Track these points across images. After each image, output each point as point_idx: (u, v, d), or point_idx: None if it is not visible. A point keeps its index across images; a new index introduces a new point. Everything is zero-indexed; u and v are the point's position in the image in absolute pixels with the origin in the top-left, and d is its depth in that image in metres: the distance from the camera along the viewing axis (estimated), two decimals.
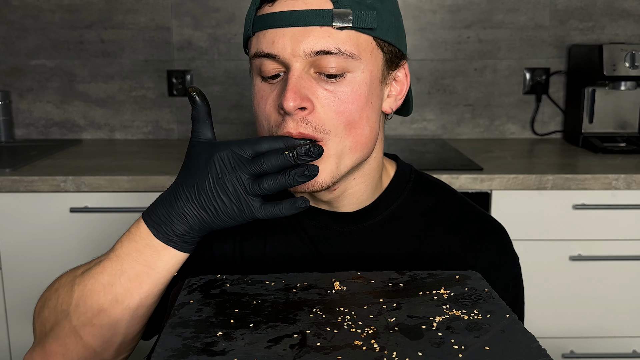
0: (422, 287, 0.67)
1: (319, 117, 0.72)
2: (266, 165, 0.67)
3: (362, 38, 0.72)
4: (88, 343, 0.75)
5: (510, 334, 0.56)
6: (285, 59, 0.71)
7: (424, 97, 2.29)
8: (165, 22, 2.23)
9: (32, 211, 1.74)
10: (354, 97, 0.73)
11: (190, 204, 0.70)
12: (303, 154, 0.66)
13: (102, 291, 0.74)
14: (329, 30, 0.70)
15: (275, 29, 0.71)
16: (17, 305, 1.78)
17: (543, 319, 1.78)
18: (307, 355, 0.52)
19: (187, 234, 0.71)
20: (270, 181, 0.67)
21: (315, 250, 0.84)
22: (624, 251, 1.75)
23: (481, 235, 0.86)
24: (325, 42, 0.70)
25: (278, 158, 0.66)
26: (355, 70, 0.72)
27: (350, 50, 0.71)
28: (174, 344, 0.55)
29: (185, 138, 2.30)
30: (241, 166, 0.68)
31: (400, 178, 0.87)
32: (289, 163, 0.67)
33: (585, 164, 1.88)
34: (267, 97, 0.74)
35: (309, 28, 0.70)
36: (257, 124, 0.78)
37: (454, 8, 2.22)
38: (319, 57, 0.71)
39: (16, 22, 2.22)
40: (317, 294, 0.66)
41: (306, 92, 0.71)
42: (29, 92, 2.28)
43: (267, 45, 0.72)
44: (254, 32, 0.74)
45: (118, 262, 0.74)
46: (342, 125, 0.73)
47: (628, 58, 1.95)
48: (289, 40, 0.70)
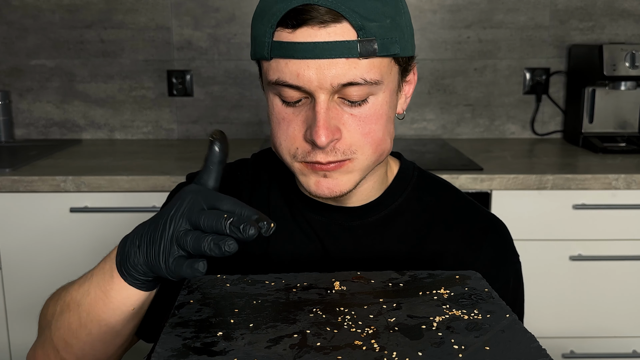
0: (422, 287, 0.67)
1: (346, 143, 0.73)
2: (202, 221, 0.61)
3: (385, 62, 0.72)
4: (64, 358, 0.76)
5: (510, 334, 0.56)
6: (311, 90, 0.70)
7: (424, 97, 2.29)
8: (165, 22, 2.23)
9: (32, 211, 1.74)
10: (377, 117, 0.73)
11: (137, 236, 0.66)
12: (235, 228, 0.59)
13: (72, 309, 0.74)
14: (355, 61, 0.69)
15: (299, 60, 0.69)
16: (17, 305, 1.78)
17: (543, 319, 1.78)
18: (307, 355, 0.52)
19: (132, 268, 0.67)
20: (192, 239, 0.60)
21: (321, 245, 0.85)
22: (624, 251, 1.75)
23: (483, 231, 0.87)
24: (352, 74, 0.69)
25: (215, 219, 0.60)
26: (377, 92, 0.73)
27: (374, 78, 0.71)
28: (174, 344, 0.55)
29: (185, 138, 2.31)
30: (189, 212, 0.62)
31: (404, 175, 0.89)
32: (220, 228, 0.59)
33: (585, 164, 1.88)
34: (289, 120, 0.74)
35: (334, 60, 0.69)
36: (274, 138, 0.77)
37: (454, 8, 2.22)
38: (345, 87, 0.70)
39: (16, 22, 2.22)
40: (317, 294, 0.66)
41: (335, 122, 0.72)
42: (29, 92, 2.28)
43: (291, 77, 0.70)
44: (272, 57, 0.72)
45: (88, 281, 0.73)
46: (369, 145, 0.74)
47: (628, 58, 1.95)
48: (315, 73, 0.69)
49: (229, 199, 0.62)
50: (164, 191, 1.70)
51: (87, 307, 0.72)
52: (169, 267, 0.62)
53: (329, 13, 0.67)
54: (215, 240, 0.59)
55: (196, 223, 0.61)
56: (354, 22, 0.68)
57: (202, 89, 2.28)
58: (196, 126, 2.30)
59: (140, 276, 0.67)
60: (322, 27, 0.68)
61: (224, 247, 0.58)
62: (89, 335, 0.73)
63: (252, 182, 0.90)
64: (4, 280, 1.77)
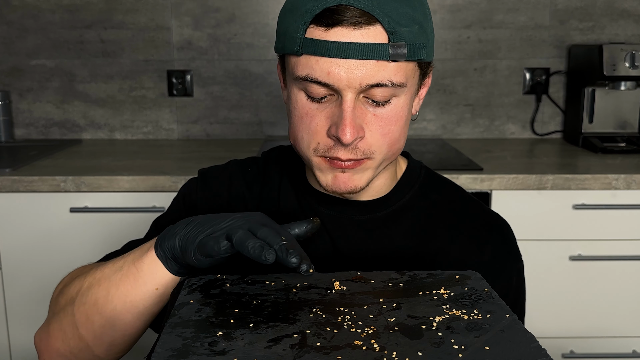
0: (422, 287, 0.67)
1: (367, 143, 0.75)
2: (260, 231, 0.67)
3: (410, 65, 0.74)
4: (82, 335, 0.78)
5: (510, 334, 0.56)
6: (339, 88, 0.72)
7: (424, 97, 2.28)
8: (165, 22, 2.23)
9: (32, 211, 1.74)
10: (397, 119, 0.76)
11: (193, 219, 0.73)
12: (284, 249, 0.65)
13: (102, 284, 0.77)
14: (384, 63, 0.71)
15: (331, 59, 0.71)
16: (17, 305, 1.78)
17: (543, 319, 1.78)
18: (307, 355, 0.52)
19: (171, 250, 0.73)
20: (242, 234, 0.67)
21: (330, 239, 0.86)
22: (624, 251, 1.75)
23: (487, 230, 0.88)
24: (380, 76, 0.71)
25: (272, 235, 0.67)
26: (400, 95, 0.75)
27: (400, 80, 0.73)
28: (174, 344, 0.55)
29: (185, 138, 2.31)
30: (252, 221, 0.69)
31: (412, 172, 0.91)
32: (271, 243, 0.66)
33: (585, 164, 1.88)
34: (313, 115, 0.75)
35: (364, 61, 0.70)
36: (294, 133, 0.79)
37: (454, 8, 2.22)
38: (372, 88, 0.72)
39: (16, 22, 2.22)
40: (317, 294, 0.66)
41: (359, 121, 0.74)
42: (29, 92, 2.28)
43: (322, 74, 0.72)
44: (302, 53, 0.73)
45: (124, 259, 0.78)
46: (386, 145, 0.77)
47: (628, 58, 1.96)
48: (345, 72, 0.71)
49: (291, 235, 0.70)
50: (164, 191, 1.70)
51: (117, 282, 0.76)
52: (205, 245, 0.68)
53: (364, 15, 0.69)
54: (261, 244, 0.64)
55: (253, 231, 0.67)
56: (387, 25, 0.70)
57: (202, 89, 2.28)
58: (196, 126, 2.30)
59: (177, 262, 0.73)
60: (355, 28, 0.70)
61: (265, 254, 0.63)
62: (113, 311, 0.76)
63: (263, 177, 0.92)
64: (4, 280, 1.77)
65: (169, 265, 0.74)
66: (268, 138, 2.28)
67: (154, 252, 0.74)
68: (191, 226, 0.71)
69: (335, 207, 0.87)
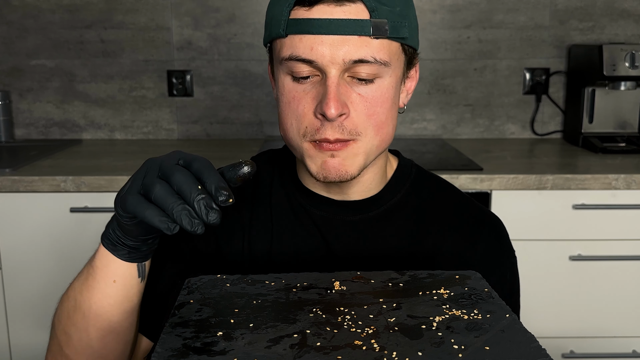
0: (422, 287, 0.67)
1: (353, 122, 0.75)
2: (175, 177, 0.62)
3: (393, 45, 0.76)
4: (67, 355, 0.76)
5: (510, 334, 0.56)
6: (323, 66, 0.73)
7: (424, 97, 2.29)
8: (165, 22, 2.23)
9: (32, 211, 1.74)
10: (382, 100, 0.76)
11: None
12: (204, 207, 0.59)
13: (70, 296, 0.76)
14: (366, 39, 0.73)
15: (314, 36, 0.72)
16: (17, 305, 1.78)
17: (543, 319, 1.78)
18: (307, 355, 0.52)
19: (114, 232, 0.71)
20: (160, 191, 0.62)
21: (323, 240, 0.86)
22: (624, 251, 1.75)
23: (479, 226, 0.89)
24: (363, 52, 0.72)
25: (188, 184, 0.61)
26: (384, 75, 0.76)
27: (383, 58, 0.74)
28: (174, 344, 0.55)
29: (185, 138, 2.31)
30: (165, 161, 0.65)
31: (403, 170, 0.91)
32: (188, 198, 0.60)
33: (585, 164, 1.88)
34: (299, 97, 0.76)
35: (347, 37, 0.72)
36: (282, 120, 0.79)
37: (454, 8, 2.22)
38: (355, 64, 0.73)
39: (16, 22, 2.22)
40: (317, 294, 0.66)
41: (344, 98, 0.74)
42: (29, 92, 2.28)
43: (305, 50, 0.73)
44: (287, 34, 0.74)
45: (84, 266, 0.77)
46: (372, 127, 0.76)
47: (628, 58, 1.96)
48: (328, 48, 0.72)
49: (202, 160, 0.63)
50: None
51: (79, 287, 0.75)
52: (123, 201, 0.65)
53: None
54: (187, 212, 0.59)
55: (167, 177, 0.62)
56: (368, 3, 0.72)
57: (202, 89, 2.28)
58: (196, 126, 2.30)
59: (117, 234, 0.71)
60: (337, 5, 0.72)
61: (195, 225, 0.59)
62: (83, 318, 0.74)
63: (254, 179, 0.91)
64: (4, 280, 1.77)
65: (117, 252, 0.72)
66: (268, 138, 2.28)
67: (102, 245, 0.73)
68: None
69: (327, 208, 0.86)
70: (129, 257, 0.73)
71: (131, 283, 0.74)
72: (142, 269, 0.74)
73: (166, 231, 0.60)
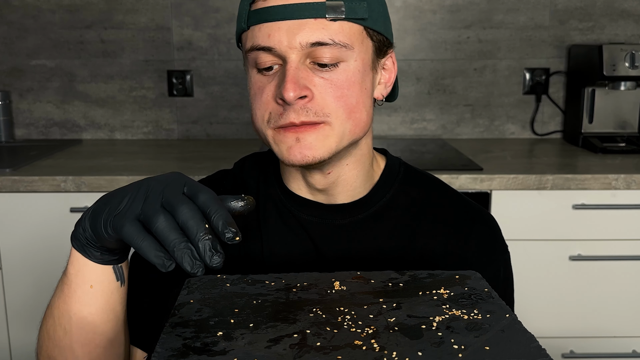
0: (422, 287, 0.67)
1: (318, 103, 0.74)
2: (180, 210, 0.56)
3: (354, 28, 0.75)
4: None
5: (510, 333, 0.56)
6: (282, 52, 0.73)
7: (424, 97, 2.29)
8: (165, 22, 2.23)
9: (32, 211, 1.74)
10: (349, 84, 0.75)
11: (95, 203, 0.64)
12: (210, 250, 0.55)
13: (47, 315, 0.72)
14: (323, 22, 0.73)
15: (271, 23, 0.73)
16: (17, 305, 1.78)
17: (543, 319, 1.78)
18: (307, 355, 0.52)
19: (83, 233, 0.65)
20: (162, 228, 0.56)
21: (313, 245, 0.85)
22: (624, 251, 1.75)
23: (470, 222, 0.87)
24: (320, 34, 0.72)
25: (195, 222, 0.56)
26: (348, 59, 0.75)
27: (343, 40, 0.74)
28: (174, 344, 0.55)
29: (185, 138, 2.31)
30: (170, 188, 0.59)
31: (391, 170, 0.89)
32: (193, 237, 0.55)
33: (585, 164, 1.88)
34: (264, 87, 0.76)
35: (303, 21, 0.72)
36: (254, 115, 0.79)
37: (454, 8, 2.22)
38: (314, 48, 0.73)
39: (16, 22, 2.22)
40: (317, 294, 0.66)
41: (304, 82, 0.74)
42: (29, 92, 2.28)
43: (264, 38, 0.74)
44: (249, 26, 0.75)
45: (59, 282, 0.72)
46: (342, 109, 0.75)
47: (628, 58, 1.96)
48: (285, 33, 0.72)
49: (209, 192, 0.59)
50: None
51: (56, 302, 0.71)
52: (117, 225, 0.58)
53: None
54: (189, 252, 0.55)
55: (172, 208, 0.57)
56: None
57: (202, 89, 2.28)
58: (196, 126, 2.30)
59: (86, 237, 0.65)
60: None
61: (195, 267, 0.55)
62: (65, 335, 0.70)
63: (240, 187, 0.90)
64: (4, 280, 1.77)
65: (88, 254, 0.67)
66: None
67: (73, 247, 0.68)
68: (99, 201, 0.64)
69: (315, 212, 0.85)
70: (102, 260, 0.67)
71: (110, 288, 0.70)
72: (119, 271, 0.70)
73: (160, 267, 0.56)
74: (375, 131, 2.29)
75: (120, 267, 0.70)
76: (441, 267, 0.80)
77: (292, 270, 0.74)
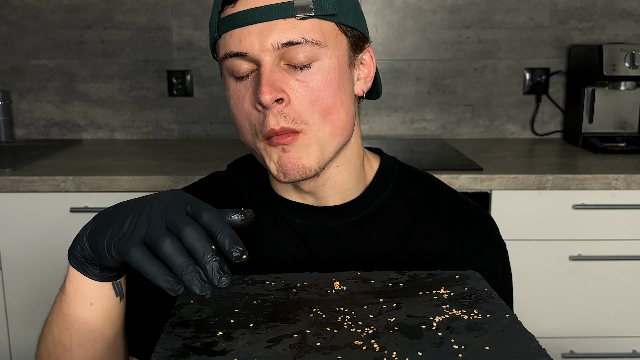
0: (422, 287, 0.67)
1: (295, 109, 0.73)
2: (185, 232, 0.56)
3: (325, 25, 0.74)
4: None
5: (510, 333, 0.56)
6: (255, 55, 0.72)
7: (424, 97, 2.29)
8: (165, 22, 2.23)
9: (32, 211, 1.74)
10: (325, 84, 0.74)
11: (93, 221, 0.63)
12: (217, 271, 0.55)
13: (46, 333, 0.71)
14: (293, 21, 0.72)
15: (241, 28, 0.72)
16: (17, 305, 1.78)
17: (543, 319, 1.78)
18: (307, 355, 0.52)
19: (81, 252, 0.63)
20: (169, 251, 0.56)
21: (306, 248, 0.84)
22: (624, 251, 1.75)
23: (466, 221, 0.86)
24: (291, 34, 0.72)
25: (201, 244, 0.55)
26: (322, 57, 0.74)
27: (315, 38, 0.73)
28: (174, 344, 0.55)
29: (185, 138, 2.31)
30: (173, 208, 0.58)
31: (385, 170, 0.88)
32: (200, 259, 0.55)
33: (585, 164, 1.88)
34: (243, 96, 0.76)
35: (273, 22, 0.72)
36: (237, 125, 0.79)
37: (454, 8, 2.22)
38: (287, 48, 0.72)
39: (16, 22, 2.22)
40: (317, 294, 0.66)
41: (280, 84, 0.73)
42: (29, 92, 2.28)
43: (235, 44, 0.73)
44: (220, 35, 0.75)
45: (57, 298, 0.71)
46: (318, 114, 0.74)
47: (628, 58, 1.96)
48: (256, 37, 0.72)
49: (212, 211, 0.58)
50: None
51: (55, 320, 0.70)
52: (122, 249, 0.57)
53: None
54: (198, 276, 0.55)
55: (177, 229, 0.56)
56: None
57: (202, 89, 2.28)
58: (196, 126, 2.30)
59: (84, 256, 0.63)
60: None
61: (204, 290, 0.55)
62: (65, 353, 0.70)
63: (232, 190, 0.90)
64: (4, 280, 1.77)
65: (87, 272, 0.66)
66: None
67: (70, 265, 0.66)
68: (98, 219, 0.62)
69: (307, 215, 0.84)
70: (101, 277, 0.67)
71: (110, 304, 0.69)
72: (118, 287, 0.69)
73: (169, 292, 0.56)
74: (375, 131, 2.29)
75: (119, 282, 0.69)
76: (438, 267, 0.79)
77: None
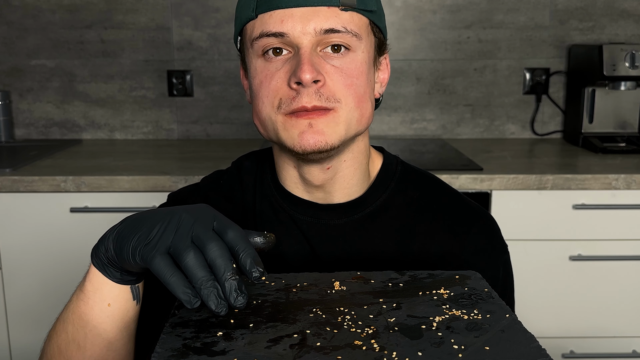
0: (422, 287, 0.67)
1: (329, 89, 0.75)
2: (209, 248, 0.59)
3: (363, 20, 0.77)
4: None
5: (510, 334, 0.56)
6: (295, 37, 0.74)
7: (424, 97, 2.29)
8: (165, 22, 2.23)
9: (32, 211, 1.74)
10: (358, 73, 0.77)
11: (121, 224, 0.65)
12: (235, 290, 0.58)
13: (59, 330, 0.72)
14: (335, 10, 0.74)
15: (283, 10, 0.74)
16: (17, 305, 1.78)
17: (543, 319, 1.78)
18: (307, 355, 0.52)
19: (105, 254, 0.65)
20: (192, 265, 0.58)
21: (309, 245, 0.84)
22: (624, 251, 1.75)
23: (468, 222, 0.86)
24: (333, 22, 0.74)
25: (223, 261, 0.58)
26: (357, 49, 0.77)
27: (354, 29, 0.75)
28: (174, 344, 0.55)
29: (185, 138, 2.31)
30: (199, 223, 0.61)
31: (388, 169, 0.88)
32: (220, 276, 0.58)
33: (585, 164, 1.88)
34: (272, 74, 0.76)
35: (317, 8, 0.74)
36: (255, 101, 0.78)
37: (454, 8, 2.22)
38: (326, 35, 0.74)
39: (16, 22, 2.22)
40: (317, 294, 0.66)
41: (318, 67, 0.74)
42: (29, 92, 2.28)
43: (276, 24, 0.74)
44: (257, 15, 0.76)
45: (74, 294, 0.72)
46: (351, 97, 0.76)
47: (628, 58, 1.96)
48: (299, 20, 0.73)
49: (237, 230, 0.61)
50: (164, 191, 1.70)
51: (70, 317, 0.70)
52: (147, 256, 0.60)
53: None
54: (215, 292, 0.58)
55: (201, 244, 0.59)
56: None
57: (202, 89, 2.28)
58: (196, 126, 2.30)
59: (108, 258, 0.65)
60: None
61: (220, 307, 0.58)
62: (78, 350, 0.70)
63: (237, 186, 0.90)
64: (4, 280, 1.77)
65: (108, 273, 0.67)
66: None
67: (92, 264, 0.68)
68: (125, 223, 0.65)
69: (311, 213, 0.85)
70: (121, 280, 0.68)
71: (126, 307, 0.70)
72: (136, 291, 0.70)
73: (186, 304, 0.58)
74: (375, 131, 2.29)
75: (137, 286, 0.71)
76: (439, 268, 0.79)
77: (288, 270, 0.74)
